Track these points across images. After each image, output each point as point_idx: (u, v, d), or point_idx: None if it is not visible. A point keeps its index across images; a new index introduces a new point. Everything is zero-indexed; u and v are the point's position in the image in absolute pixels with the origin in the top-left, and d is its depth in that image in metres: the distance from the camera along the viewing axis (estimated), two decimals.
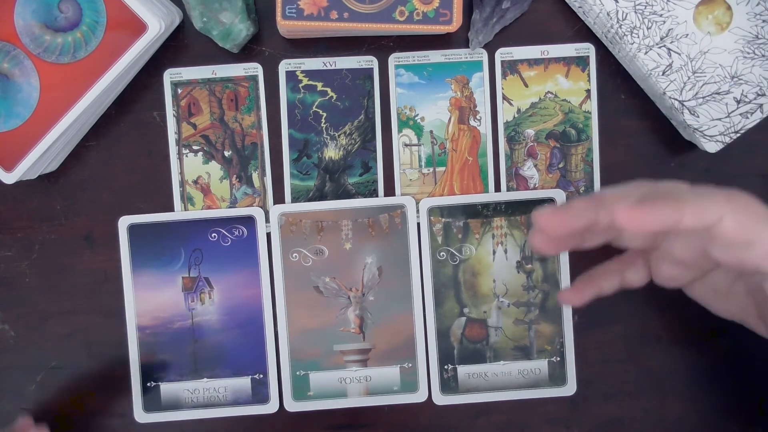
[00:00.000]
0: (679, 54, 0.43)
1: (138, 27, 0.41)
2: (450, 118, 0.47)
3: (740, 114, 0.43)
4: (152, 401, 0.46)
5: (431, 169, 0.47)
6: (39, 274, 0.47)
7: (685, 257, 0.35)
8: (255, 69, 0.46)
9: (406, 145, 0.47)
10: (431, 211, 0.47)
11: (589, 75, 0.47)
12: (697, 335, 0.48)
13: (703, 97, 0.43)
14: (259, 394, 0.47)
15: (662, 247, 0.36)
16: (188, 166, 0.46)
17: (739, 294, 0.37)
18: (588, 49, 0.46)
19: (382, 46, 0.46)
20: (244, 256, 0.46)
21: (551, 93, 0.47)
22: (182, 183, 0.46)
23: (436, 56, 0.46)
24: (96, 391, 0.47)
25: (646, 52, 0.43)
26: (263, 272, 0.46)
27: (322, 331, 0.47)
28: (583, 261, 0.47)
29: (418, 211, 0.47)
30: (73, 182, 0.46)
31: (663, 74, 0.43)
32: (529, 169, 0.47)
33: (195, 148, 0.46)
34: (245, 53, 0.46)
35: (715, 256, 0.32)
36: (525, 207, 0.47)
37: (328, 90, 0.46)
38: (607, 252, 0.47)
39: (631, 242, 0.36)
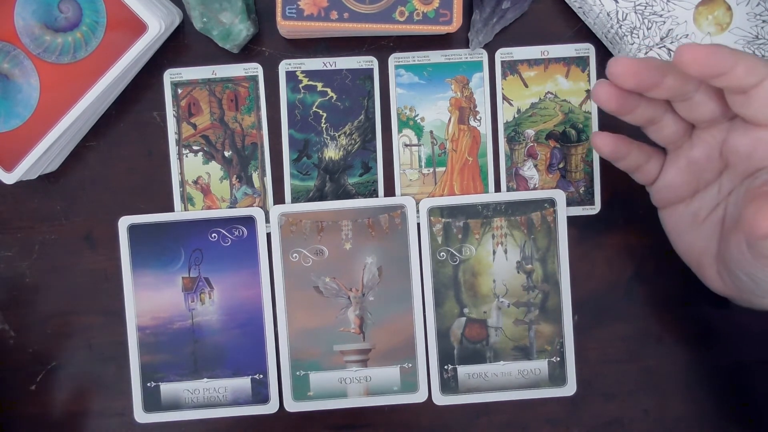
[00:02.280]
0: None
1: (138, 27, 0.41)
2: (450, 119, 0.47)
3: None
4: (152, 401, 0.46)
5: (431, 170, 0.47)
6: (39, 274, 0.47)
7: (700, 153, 0.38)
8: (255, 69, 0.46)
9: (406, 145, 0.47)
10: (431, 211, 0.47)
11: (589, 75, 0.47)
12: (696, 335, 0.48)
13: None
14: (259, 394, 0.47)
15: (683, 146, 0.39)
16: (188, 166, 0.46)
17: (714, 223, 0.39)
18: (588, 50, 0.46)
19: (382, 46, 0.46)
20: (244, 257, 0.46)
21: (551, 93, 0.47)
22: (182, 183, 0.46)
23: (436, 56, 0.46)
24: (96, 391, 0.47)
25: (646, 53, 0.43)
26: (263, 272, 0.46)
27: (322, 331, 0.47)
28: (583, 262, 0.47)
29: (418, 211, 0.47)
30: (73, 182, 0.46)
31: None
32: (529, 170, 0.47)
33: (195, 148, 0.46)
34: (245, 53, 0.46)
35: (733, 140, 0.36)
36: (525, 207, 0.47)
37: (328, 90, 0.46)
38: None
39: (688, 112, 0.37)
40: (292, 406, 0.47)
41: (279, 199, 0.47)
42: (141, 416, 0.46)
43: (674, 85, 0.35)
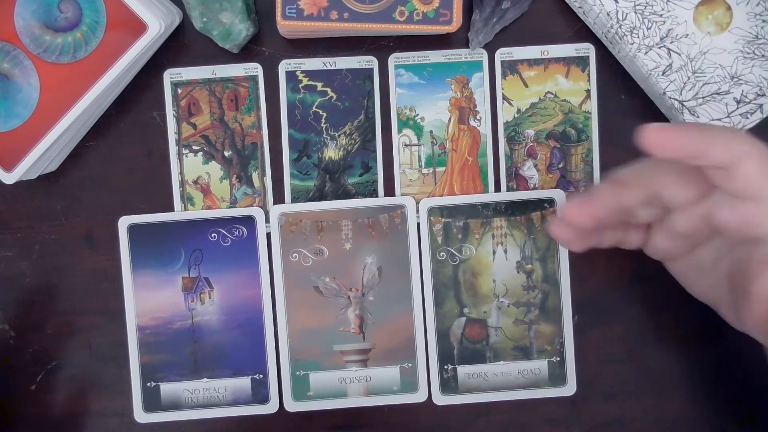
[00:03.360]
0: (679, 54, 0.43)
1: (138, 27, 0.41)
2: (450, 118, 0.47)
3: (740, 114, 0.43)
4: (152, 401, 0.46)
5: (431, 169, 0.47)
6: (39, 274, 0.47)
7: (686, 228, 0.35)
8: (255, 69, 0.46)
9: (406, 145, 0.47)
10: (431, 211, 0.47)
11: (589, 75, 0.47)
12: (697, 335, 0.48)
13: (703, 98, 0.43)
14: (259, 394, 0.47)
15: (667, 220, 0.36)
16: (188, 166, 0.46)
17: (719, 274, 0.37)
18: (588, 49, 0.46)
19: (382, 46, 0.46)
20: (244, 256, 0.46)
21: (551, 93, 0.47)
22: (182, 183, 0.46)
23: (436, 56, 0.46)
24: (96, 391, 0.47)
25: (646, 52, 0.43)
26: (263, 272, 0.46)
27: (322, 331, 0.47)
28: (583, 262, 0.47)
29: (418, 211, 0.47)
30: (73, 182, 0.46)
31: (663, 74, 0.43)
32: (529, 169, 0.47)
33: (195, 148, 0.46)
34: (245, 53, 0.46)
35: (721, 216, 0.33)
36: (525, 207, 0.47)
37: (328, 90, 0.46)
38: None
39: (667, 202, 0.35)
40: (292, 406, 0.47)
41: (279, 199, 0.47)
42: (141, 416, 0.46)
43: (637, 203, 0.34)
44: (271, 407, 0.47)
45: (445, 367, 0.47)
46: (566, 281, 0.47)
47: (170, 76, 0.46)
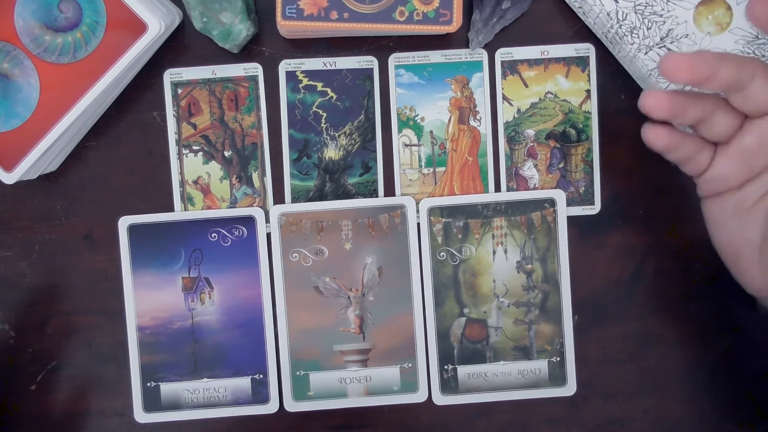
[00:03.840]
0: None
1: (138, 27, 0.41)
2: (450, 118, 0.47)
3: None
4: (152, 401, 0.46)
5: (431, 170, 0.47)
6: (39, 274, 0.47)
7: (756, 140, 0.37)
8: (255, 69, 0.46)
9: (406, 145, 0.47)
10: (431, 211, 0.47)
11: (589, 75, 0.47)
12: (697, 335, 0.48)
13: None
14: (259, 394, 0.47)
15: (738, 131, 0.38)
16: (188, 166, 0.46)
17: (760, 211, 0.38)
18: (588, 50, 0.46)
19: (382, 46, 0.46)
20: (244, 257, 0.46)
21: (551, 93, 0.47)
22: (182, 183, 0.46)
23: (436, 56, 0.46)
24: (96, 391, 0.47)
25: (646, 53, 0.43)
26: (263, 272, 0.46)
27: (322, 331, 0.47)
28: (583, 262, 0.47)
29: (418, 211, 0.47)
30: (73, 182, 0.46)
31: None
32: (529, 170, 0.47)
33: (195, 148, 0.46)
34: (245, 53, 0.46)
35: (749, 108, 0.36)
36: (525, 207, 0.47)
37: (328, 90, 0.46)
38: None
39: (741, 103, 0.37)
40: (292, 406, 0.47)
41: (279, 199, 0.47)
42: (141, 416, 0.46)
43: (729, 76, 0.35)
44: (271, 407, 0.47)
45: (445, 367, 0.47)
46: (566, 281, 0.47)
47: (170, 76, 0.46)
